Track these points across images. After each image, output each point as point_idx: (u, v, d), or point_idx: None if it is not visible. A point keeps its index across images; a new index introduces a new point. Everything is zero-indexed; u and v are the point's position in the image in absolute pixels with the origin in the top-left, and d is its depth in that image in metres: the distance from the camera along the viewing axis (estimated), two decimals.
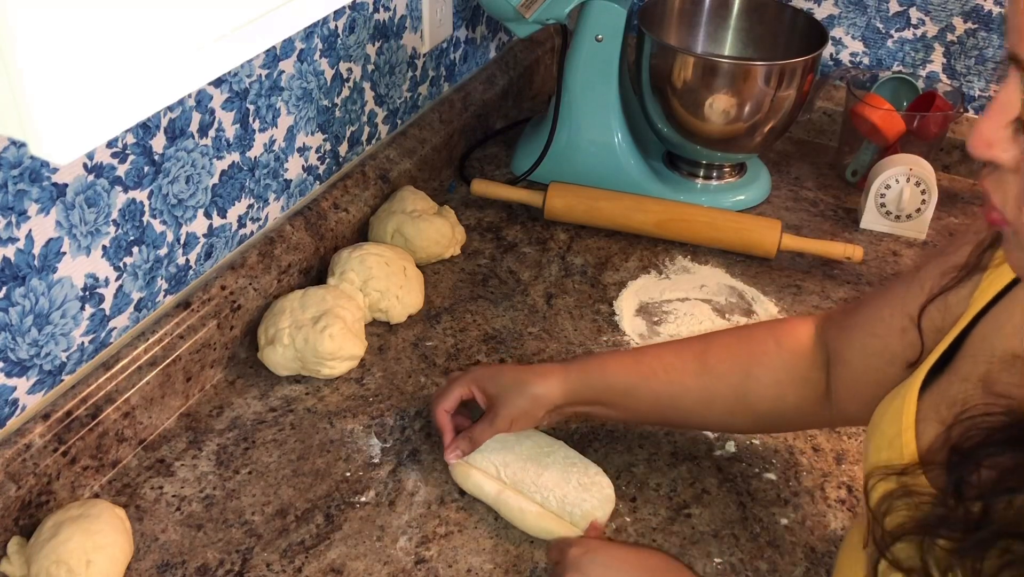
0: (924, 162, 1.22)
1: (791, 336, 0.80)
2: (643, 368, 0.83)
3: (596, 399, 0.83)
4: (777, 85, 1.16)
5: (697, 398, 0.81)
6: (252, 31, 0.48)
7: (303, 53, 1.02)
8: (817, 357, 0.78)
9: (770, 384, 0.79)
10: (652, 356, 0.84)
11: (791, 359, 0.78)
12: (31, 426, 0.78)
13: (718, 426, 0.88)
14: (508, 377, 0.84)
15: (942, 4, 1.33)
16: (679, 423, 0.89)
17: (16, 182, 0.73)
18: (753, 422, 0.83)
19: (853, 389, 0.74)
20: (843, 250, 1.15)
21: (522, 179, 1.29)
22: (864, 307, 0.74)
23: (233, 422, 0.92)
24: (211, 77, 0.46)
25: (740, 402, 0.80)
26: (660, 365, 0.82)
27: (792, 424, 0.85)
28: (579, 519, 0.80)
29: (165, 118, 0.86)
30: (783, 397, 0.79)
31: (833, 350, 0.76)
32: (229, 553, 0.79)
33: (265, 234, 1.04)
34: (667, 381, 0.82)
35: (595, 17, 1.20)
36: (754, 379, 0.79)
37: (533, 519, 0.81)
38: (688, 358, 0.82)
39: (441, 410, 0.86)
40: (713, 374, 0.81)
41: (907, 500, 0.52)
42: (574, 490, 0.81)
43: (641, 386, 0.82)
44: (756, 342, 0.81)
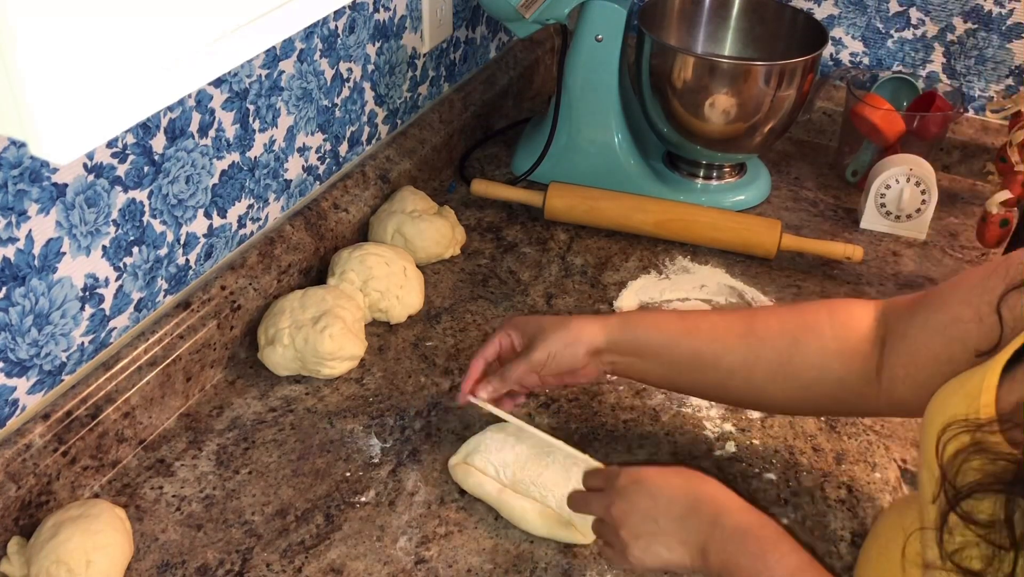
0: (924, 162, 1.22)
1: (845, 311, 0.78)
2: (687, 323, 0.82)
3: (637, 349, 0.82)
4: (777, 85, 1.16)
5: (740, 359, 0.79)
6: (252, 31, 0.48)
7: (303, 53, 1.02)
8: (872, 333, 0.75)
9: (816, 351, 0.77)
10: (696, 315, 0.84)
11: (842, 331, 0.76)
12: (31, 426, 0.78)
13: (756, 394, 0.82)
14: (549, 319, 0.85)
15: (942, 4, 1.33)
16: (718, 386, 0.83)
17: (16, 182, 0.73)
18: (795, 393, 0.79)
19: (909, 367, 0.71)
20: (843, 250, 1.15)
21: (522, 179, 1.29)
22: (936, 291, 0.72)
23: (233, 422, 0.92)
24: (211, 77, 0.46)
25: (784, 367, 0.78)
26: (706, 323, 0.81)
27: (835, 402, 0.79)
28: (579, 518, 0.80)
29: (165, 118, 0.86)
30: (828, 367, 0.76)
31: (893, 327, 0.74)
32: (229, 553, 0.79)
33: (265, 234, 1.04)
34: (711, 339, 0.80)
35: (595, 17, 1.20)
36: (801, 345, 0.77)
37: (534, 518, 0.81)
38: (734, 320, 0.81)
39: (478, 357, 0.86)
40: (759, 336, 0.79)
41: (982, 456, 0.52)
42: (573, 489, 0.81)
43: (683, 340, 0.81)
44: (808, 312, 0.79)
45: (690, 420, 0.94)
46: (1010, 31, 1.31)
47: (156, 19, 0.42)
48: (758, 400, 0.85)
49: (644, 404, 0.96)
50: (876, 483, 0.88)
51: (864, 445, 0.92)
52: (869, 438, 0.93)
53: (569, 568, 0.79)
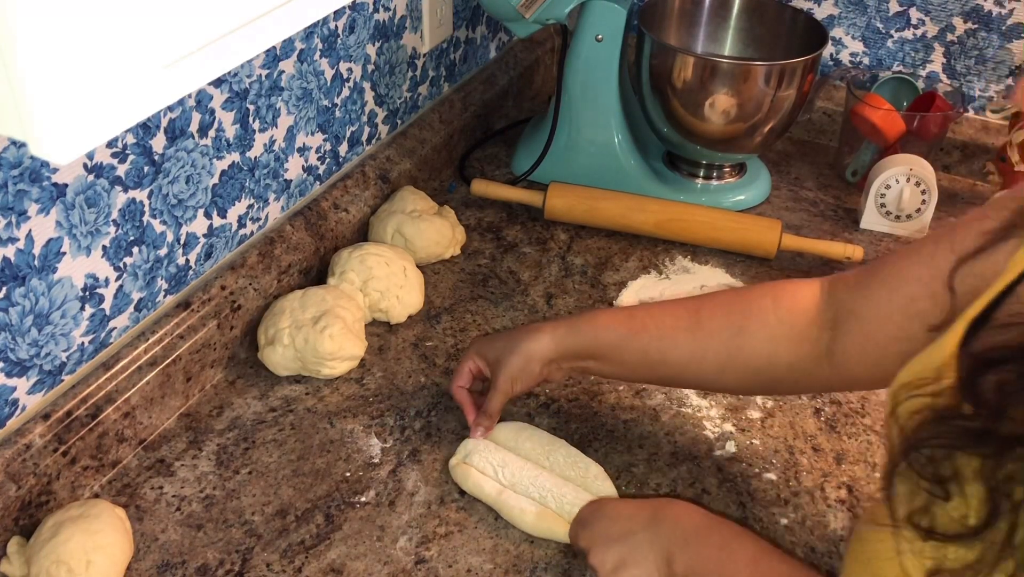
0: (924, 162, 1.22)
1: (790, 294, 0.78)
2: (634, 323, 0.82)
3: (587, 353, 0.84)
4: (777, 85, 1.16)
5: (688, 353, 0.80)
6: (252, 31, 0.48)
7: (303, 53, 1.02)
8: (820, 315, 0.75)
9: (764, 339, 0.77)
10: (644, 312, 0.84)
11: (788, 316, 0.77)
12: (31, 426, 0.78)
13: (710, 384, 0.86)
14: (502, 340, 0.87)
15: (942, 4, 1.33)
16: (670, 380, 0.87)
17: (16, 182, 0.73)
18: (746, 380, 0.80)
19: (865, 346, 0.71)
20: (843, 250, 1.15)
21: (522, 179, 1.29)
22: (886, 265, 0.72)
23: (233, 422, 0.92)
24: (211, 77, 0.46)
25: (732, 358, 0.78)
26: (651, 320, 0.82)
27: (786, 384, 0.82)
28: None
29: (165, 118, 0.86)
30: (777, 354, 0.77)
31: (845, 307, 0.74)
32: (229, 553, 0.79)
33: (265, 234, 1.04)
34: (658, 336, 0.81)
35: (595, 17, 1.20)
36: (748, 334, 0.78)
37: (533, 519, 0.81)
38: (681, 314, 0.81)
39: (456, 387, 0.90)
40: (705, 329, 0.79)
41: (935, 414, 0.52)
42: (573, 490, 0.81)
43: (631, 340, 0.82)
44: (752, 299, 0.80)
45: (690, 420, 0.94)
46: (1010, 31, 1.31)
47: (156, 19, 0.42)
48: (712, 386, 0.89)
49: (644, 404, 0.96)
50: (876, 483, 0.88)
51: (864, 445, 0.92)
52: (869, 438, 0.93)
53: (569, 568, 0.79)
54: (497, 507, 0.82)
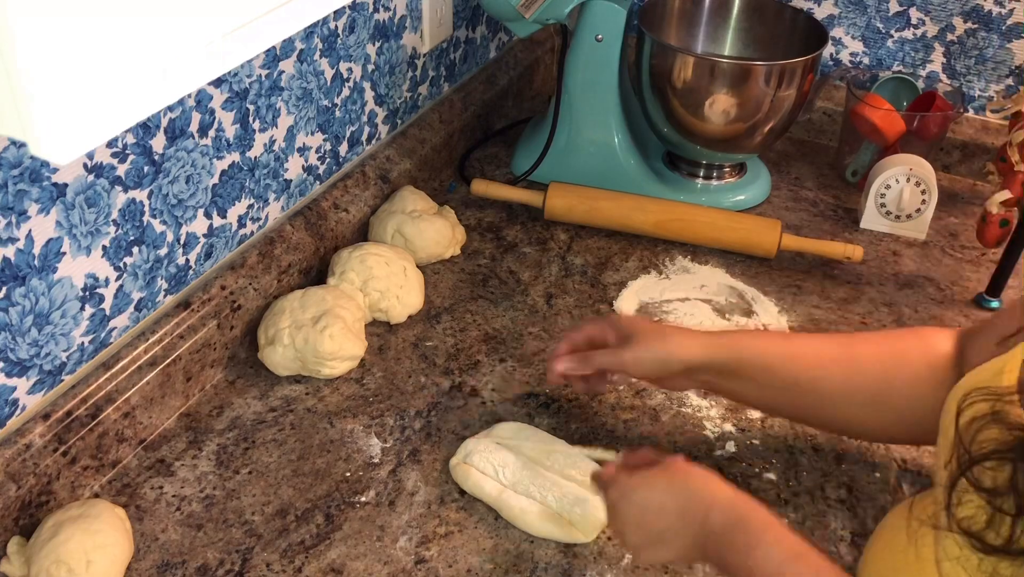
0: (924, 162, 1.22)
1: (932, 339, 0.78)
2: (790, 348, 0.82)
3: (734, 369, 0.82)
4: (777, 85, 1.16)
5: (839, 385, 0.79)
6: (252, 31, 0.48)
7: (303, 53, 1.02)
8: (954, 360, 0.75)
9: (910, 379, 0.76)
10: (800, 340, 0.84)
11: (934, 360, 0.76)
12: (31, 426, 0.78)
13: (851, 420, 0.81)
14: (649, 324, 0.85)
15: (942, 4, 1.33)
16: (811, 409, 0.83)
17: (16, 182, 0.73)
18: (888, 421, 0.79)
19: None
20: (843, 250, 1.15)
21: (522, 179, 1.29)
22: (999, 313, 0.74)
23: (233, 422, 0.92)
24: (211, 77, 0.46)
25: (881, 395, 0.77)
26: (807, 348, 0.81)
27: (925, 429, 0.76)
28: (579, 518, 0.80)
29: (165, 118, 0.86)
30: (922, 395, 0.75)
31: (965, 356, 0.74)
32: (229, 553, 0.79)
33: (265, 234, 1.04)
34: (811, 365, 0.80)
35: (595, 17, 1.20)
36: (896, 372, 0.77)
37: (533, 519, 0.81)
38: (833, 346, 0.81)
39: (567, 336, 0.88)
40: (856, 362, 0.79)
41: (998, 425, 0.52)
42: (573, 489, 0.81)
43: (784, 365, 0.80)
44: (900, 339, 0.80)
45: (690, 420, 0.94)
46: (1010, 31, 1.31)
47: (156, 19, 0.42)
48: (849, 425, 0.84)
49: (644, 404, 0.96)
50: (876, 483, 0.88)
51: (864, 445, 0.92)
52: None
53: (569, 568, 0.79)
54: (497, 507, 0.82)
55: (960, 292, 1.14)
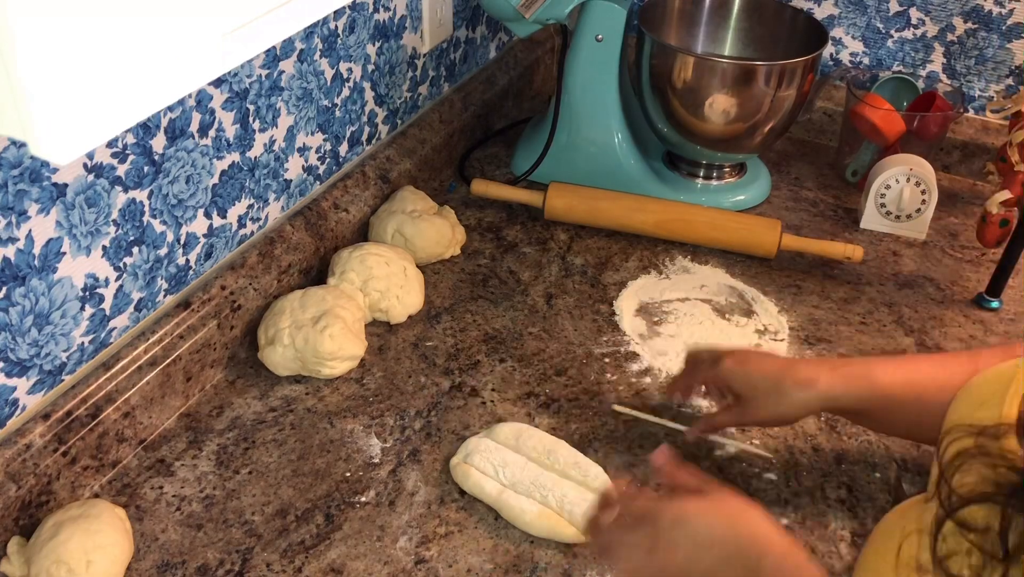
0: (924, 162, 1.22)
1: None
2: (916, 383, 0.77)
3: (859, 409, 0.78)
4: (777, 85, 1.16)
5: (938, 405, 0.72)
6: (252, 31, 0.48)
7: (303, 53, 1.02)
8: None
9: None
10: (925, 363, 0.78)
11: None
12: (31, 426, 0.78)
13: None
14: (761, 377, 0.80)
15: (942, 4, 1.33)
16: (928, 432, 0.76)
17: (16, 182, 0.73)
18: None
19: None
20: (843, 250, 1.15)
21: (522, 179, 1.29)
22: None
23: (233, 422, 0.92)
24: (211, 77, 0.46)
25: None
26: (933, 370, 0.76)
27: None
28: (579, 519, 0.80)
29: (165, 118, 0.86)
30: None
31: None
32: (229, 553, 0.79)
33: (265, 234, 1.04)
34: (937, 388, 0.73)
35: (595, 17, 1.20)
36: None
37: (534, 519, 0.81)
38: (958, 369, 0.74)
39: (674, 390, 0.89)
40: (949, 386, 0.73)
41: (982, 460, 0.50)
42: (573, 489, 0.81)
43: (909, 400, 0.76)
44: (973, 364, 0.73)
45: (690, 420, 0.94)
46: (1010, 31, 1.31)
47: (156, 19, 0.42)
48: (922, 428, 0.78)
49: (644, 404, 0.95)
50: (876, 483, 0.88)
51: (864, 445, 0.92)
52: (869, 438, 0.93)
53: (569, 568, 0.79)
54: (497, 507, 0.82)
55: (960, 292, 1.14)
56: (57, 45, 0.38)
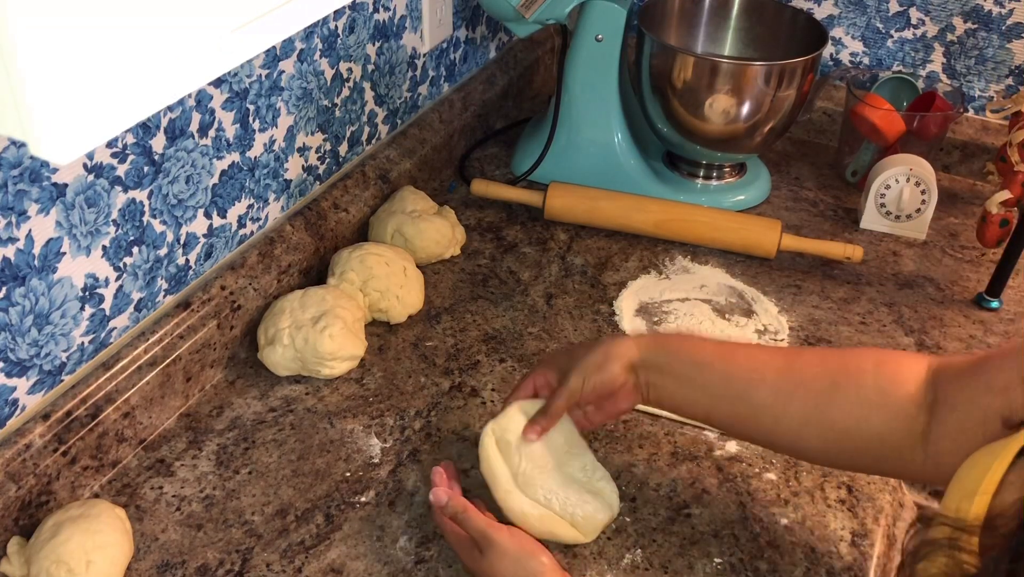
0: (924, 162, 1.22)
1: (894, 363, 0.73)
2: (724, 349, 0.79)
3: (671, 368, 0.79)
4: (777, 85, 1.16)
5: (773, 393, 0.74)
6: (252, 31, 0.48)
7: (303, 53, 1.02)
8: (921, 394, 0.70)
9: (855, 401, 0.72)
10: (737, 344, 0.81)
11: (887, 385, 0.71)
12: (31, 426, 0.78)
13: (792, 437, 0.76)
14: (579, 346, 0.84)
15: (942, 4, 1.33)
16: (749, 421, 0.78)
17: (16, 182, 0.73)
18: (830, 442, 0.74)
19: (956, 440, 0.66)
20: (843, 250, 1.15)
21: (522, 179, 1.29)
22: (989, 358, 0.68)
23: (233, 422, 0.92)
24: (211, 77, 0.46)
25: (819, 411, 0.73)
26: (743, 352, 0.79)
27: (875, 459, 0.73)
28: (580, 521, 0.80)
29: (165, 118, 0.86)
30: (867, 419, 0.71)
31: (943, 393, 0.69)
32: (229, 553, 0.79)
33: (265, 234, 1.04)
34: (746, 368, 0.76)
35: (595, 17, 1.20)
36: (840, 391, 0.72)
37: (535, 522, 0.80)
38: (774, 354, 0.78)
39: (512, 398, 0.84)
40: (798, 374, 0.75)
41: (949, 553, 0.50)
42: (576, 493, 0.81)
43: (717, 364, 0.77)
44: (853, 358, 0.75)
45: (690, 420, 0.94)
46: (1010, 31, 1.31)
47: (156, 19, 0.42)
48: (792, 443, 0.77)
49: None
50: (876, 483, 0.88)
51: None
52: None
53: (569, 568, 0.79)
54: (500, 505, 0.81)
55: (960, 292, 1.14)
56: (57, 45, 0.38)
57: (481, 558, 0.74)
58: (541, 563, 0.72)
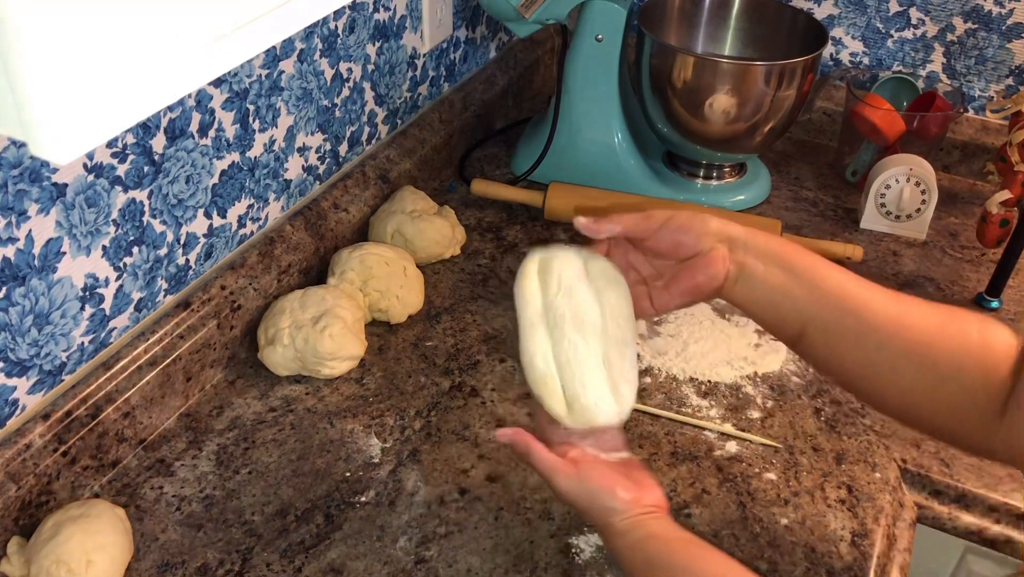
0: (924, 162, 1.22)
1: (995, 325, 0.67)
2: (826, 263, 0.70)
3: (774, 256, 0.69)
4: (777, 85, 1.16)
5: (884, 317, 0.67)
6: (252, 31, 0.48)
7: (303, 53, 1.02)
8: (1011, 363, 0.65)
9: (960, 349, 0.65)
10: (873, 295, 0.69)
11: (991, 341, 0.65)
12: (31, 426, 0.78)
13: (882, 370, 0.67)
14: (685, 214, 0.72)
15: (942, 4, 1.33)
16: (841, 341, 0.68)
17: (16, 182, 0.73)
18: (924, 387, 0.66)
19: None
20: (843, 250, 1.15)
21: (522, 179, 1.29)
22: None
23: (233, 422, 0.92)
24: (211, 77, 0.46)
25: (924, 348, 0.66)
26: (848, 273, 0.69)
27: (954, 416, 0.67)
28: (577, 408, 0.70)
29: (165, 118, 0.86)
30: (967, 370, 0.65)
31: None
32: (229, 553, 0.79)
33: (265, 234, 1.04)
34: (857, 283, 0.68)
35: (595, 17, 1.20)
36: (948, 334, 0.66)
37: (536, 377, 0.70)
38: (877, 286, 0.69)
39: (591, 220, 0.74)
40: (907, 305, 0.67)
41: None
42: (594, 375, 0.70)
43: (825, 269, 0.68)
44: (956, 309, 0.69)
45: (700, 417, 0.94)
46: (1010, 31, 1.31)
47: (156, 19, 0.42)
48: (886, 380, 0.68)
49: (644, 404, 0.95)
50: (876, 483, 0.88)
51: (864, 445, 0.92)
52: (869, 438, 0.93)
53: (569, 568, 0.79)
54: (521, 336, 0.71)
55: (960, 292, 1.14)
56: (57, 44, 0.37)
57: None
58: (617, 498, 0.68)
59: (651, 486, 0.71)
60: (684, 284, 0.71)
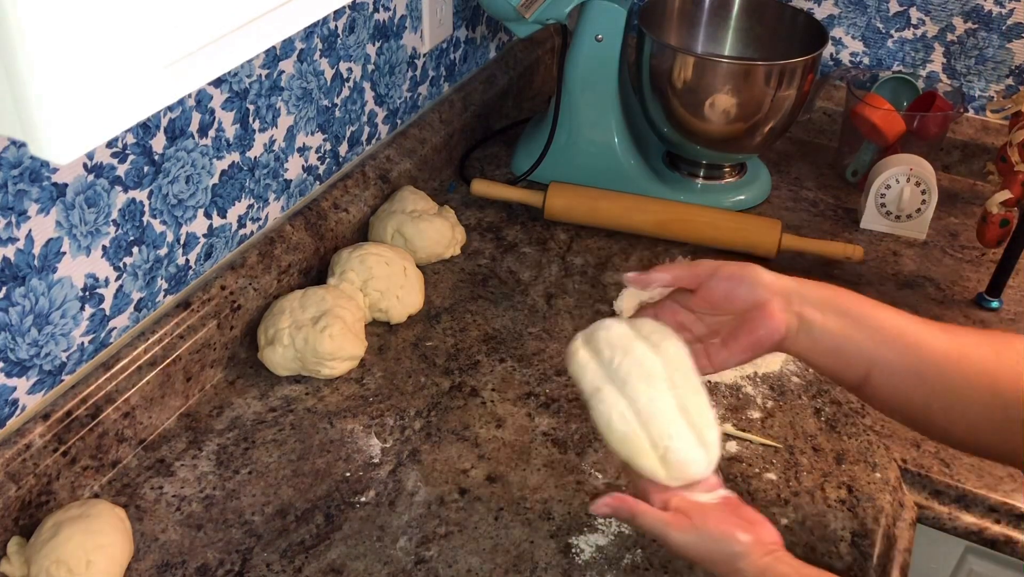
0: (924, 162, 1.22)
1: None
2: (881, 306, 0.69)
3: (833, 303, 0.68)
4: (777, 85, 1.16)
5: (945, 346, 0.65)
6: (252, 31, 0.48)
7: (303, 53, 1.02)
8: None
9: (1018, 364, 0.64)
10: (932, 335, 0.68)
11: None
12: (31, 426, 0.78)
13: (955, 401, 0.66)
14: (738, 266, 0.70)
15: (942, 4, 1.33)
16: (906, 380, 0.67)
17: (16, 182, 0.73)
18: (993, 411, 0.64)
19: None
20: (843, 250, 1.15)
21: (522, 179, 1.29)
22: None
23: (233, 422, 0.92)
24: (211, 77, 0.46)
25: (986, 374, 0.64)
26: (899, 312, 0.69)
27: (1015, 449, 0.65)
28: (673, 462, 0.66)
29: (165, 118, 0.86)
30: (1019, 404, 0.63)
31: None
32: (229, 553, 0.79)
33: (265, 234, 1.04)
34: (914, 322, 0.67)
35: (595, 17, 1.20)
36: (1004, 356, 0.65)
37: (619, 438, 0.66)
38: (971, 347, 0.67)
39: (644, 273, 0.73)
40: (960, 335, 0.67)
41: None
42: (678, 425, 0.66)
43: (881, 312, 0.68)
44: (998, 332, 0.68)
45: None
46: (1010, 31, 1.31)
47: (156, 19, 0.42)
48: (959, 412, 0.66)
49: None
50: (876, 483, 0.88)
51: (864, 445, 0.92)
52: (869, 438, 0.93)
53: (569, 568, 0.79)
54: (589, 405, 0.68)
55: (960, 292, 1.14)
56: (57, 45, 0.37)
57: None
58: (740, 543, 0.63)
59: (762, 522, 0.67)
60: (744, 340, 0.69)
